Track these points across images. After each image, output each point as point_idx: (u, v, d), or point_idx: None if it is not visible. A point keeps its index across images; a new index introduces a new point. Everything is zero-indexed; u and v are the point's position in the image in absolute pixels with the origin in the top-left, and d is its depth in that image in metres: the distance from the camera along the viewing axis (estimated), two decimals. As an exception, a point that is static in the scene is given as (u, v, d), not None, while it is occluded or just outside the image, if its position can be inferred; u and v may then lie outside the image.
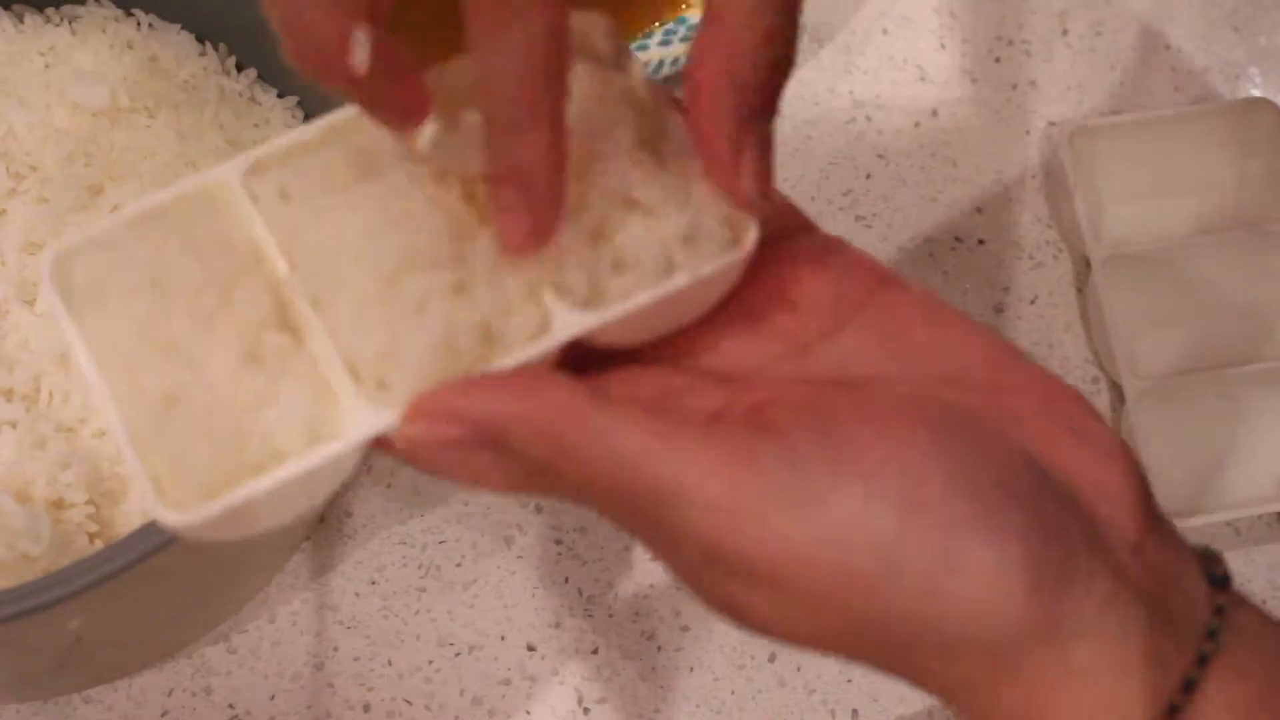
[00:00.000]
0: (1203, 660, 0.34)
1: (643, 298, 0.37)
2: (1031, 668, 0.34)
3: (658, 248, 0.38)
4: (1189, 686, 0.34)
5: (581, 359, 0.38)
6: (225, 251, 0.39)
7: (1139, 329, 0.64)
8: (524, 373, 0.36)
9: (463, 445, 0.36)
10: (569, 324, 0.37)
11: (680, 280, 0.37)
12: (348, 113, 0.39)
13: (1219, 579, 0.36)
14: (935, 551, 0.33)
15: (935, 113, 0.70)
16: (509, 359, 0.37)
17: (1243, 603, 0.36)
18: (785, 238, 0.39)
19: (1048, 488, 0.34)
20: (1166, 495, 0.61)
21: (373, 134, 0.39)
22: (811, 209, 0.70)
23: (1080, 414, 0.36)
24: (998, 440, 0.34)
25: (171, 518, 0.36)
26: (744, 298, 0.38)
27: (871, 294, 0.38)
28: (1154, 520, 0.36)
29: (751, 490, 0.33)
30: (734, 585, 0.34)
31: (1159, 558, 0.35)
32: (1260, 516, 0.63)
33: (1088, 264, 0.64)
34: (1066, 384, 0.37)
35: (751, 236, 0.38)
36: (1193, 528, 0.61)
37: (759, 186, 0.36)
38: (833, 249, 0.39)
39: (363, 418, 0.36)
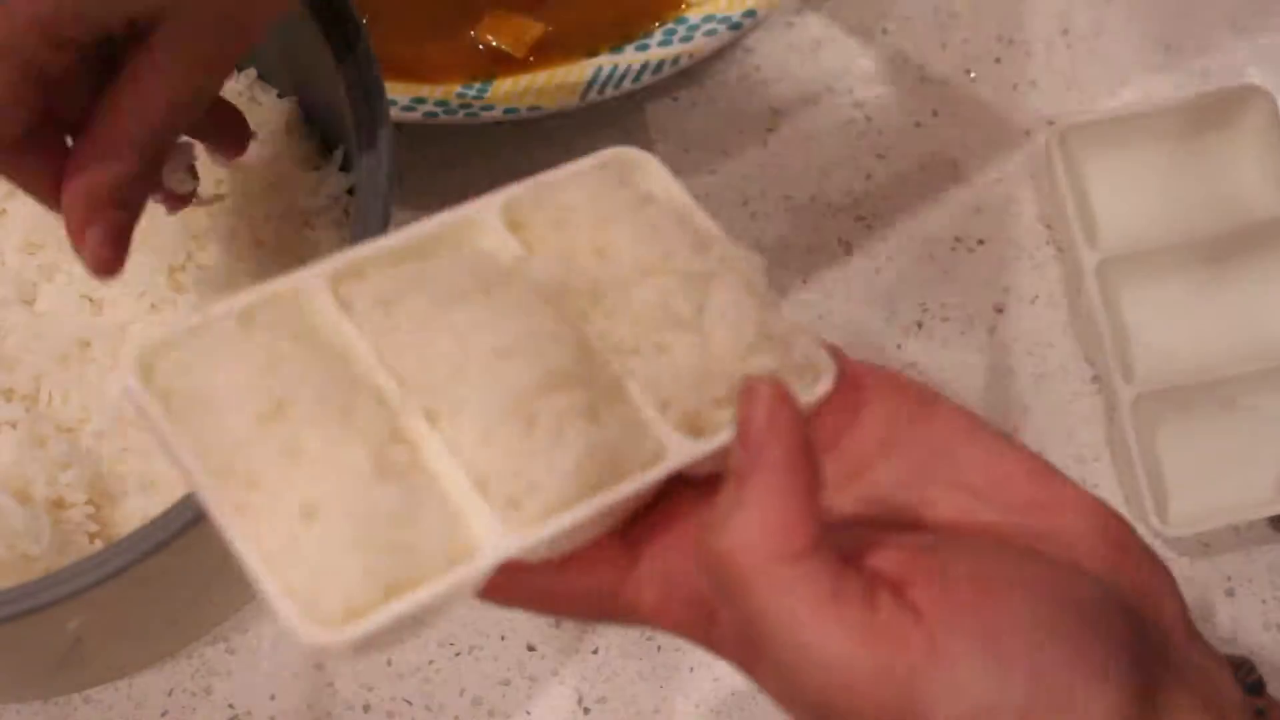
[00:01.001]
0: None
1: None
2: None
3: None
4: None
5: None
6: (328, 358, 0.38)
7: (1133, 332, 0.64)
8: None
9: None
10: (683, 451, 0.38)
11: None
12: (440, 222, 0.40)
13: (1254, 685, 0.37)
14: (1038, 696, 0.33)
15: (935, 113, 0.70)
16: (631, 484, 0.37)
17: (1277, 705, 0.37)
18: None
19: (1127, 614, 0.35)
20: (1164, 499, 0.61)
21: (477, 245, 0.40)
22: (811, 209, 0.71)
23: (1120, 530, 0.38)
24: (1073, 575, 0.36)
25: (316, 637, 0.34)
26: (815, 423, 0.40)
27: (917, 413, 0.40)
28: (1193, 628, 0.37)
29: (864, 663, 0.34)
30: None
31: (1203, 664, 0.36)
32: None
33: (1080, 269, 0.64)
34: (1103, 501, 0.38)
35: (831, 373, 0.40)
36: (1192, 531, 0.61)
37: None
38: (878, 373, 0.41)
39: (499, 539, 0.36)
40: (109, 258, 0.46)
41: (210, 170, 0.58)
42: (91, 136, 0.46)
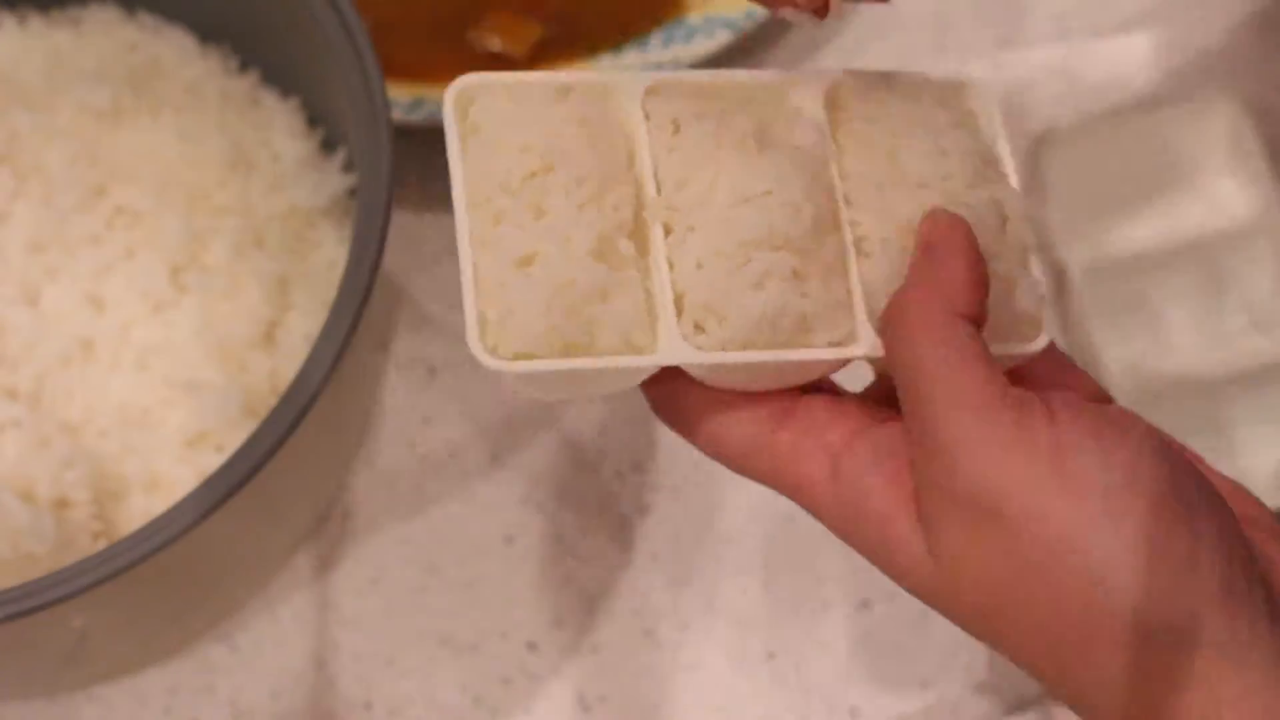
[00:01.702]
0: None
1: None
2: (1211, 678, 0.35)
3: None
4: None
5: None
6: (611, 147, 0.43)
7: (1122, 333, 0.65)
8: None
9: None
10: (872, 345, 0.42)
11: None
12: (744, 76, 0.45)
13: None
14: (1148, 531, 0.35)
15: (935, 113, 0.71)
16: (813, 353, 0.42)
17: None
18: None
19: (1235, 527, 0.37)
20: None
21: (769, 109, 0.45)
22: (811, 209, 0.70)
23: (1255, 509, 0.40)
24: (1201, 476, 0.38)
25: (484, 358, 0.41)
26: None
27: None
28: None
29: (1018, 443, 0.37)
30: (957, 518, 0.37)
31: None
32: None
33: (1064, 273, 0.65)
34: (1242, 487, 0.41)
35: (1044, 338, 0.43)
36: None
37: None
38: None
39: (673, 348, 0.41)
40: None
41: (212, 170, 0.59)
42: None
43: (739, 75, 0.45)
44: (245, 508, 0.49)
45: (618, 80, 0.44)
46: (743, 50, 0.71)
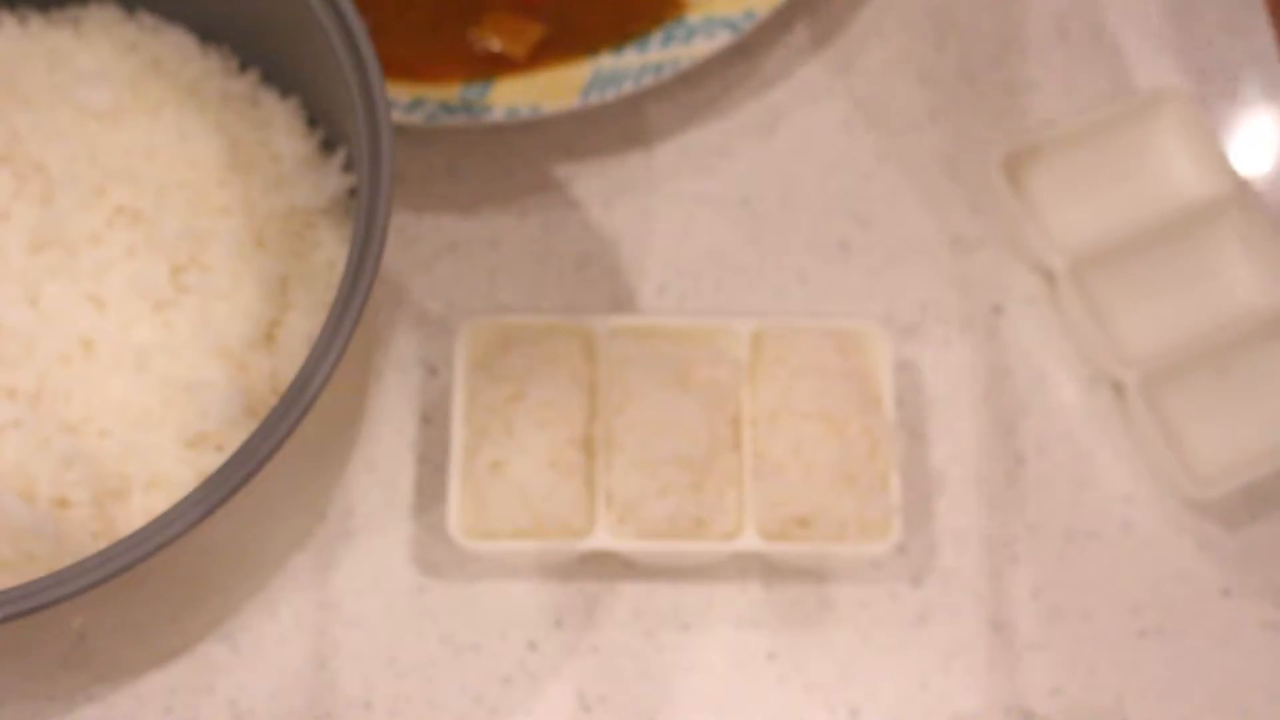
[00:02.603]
0: None
1: (809, 549, 0.58)
2: None
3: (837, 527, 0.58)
4: None
5: None
6: (573, 378, 0.59)
7: (1117, 327, 0.65)
8: None
9: None
10: (752, 542, 0.57)
11: (830, 549, 0.58)
12: (706, 321, 0.60)
13: None
14: None
15: (934, 113, 0.71)
16: (702, 545, 0.58)
17: None
18: None
19: None
20: (1187, 469, 0.62)
21: (698, 349, 0.60)
22: (811, 210, 0.71)
23: None
24: None
25: (459, 540, 0.57)
26: None
27: None
28: None
29: None
30: None
31: None
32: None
33: (1051, 277, 0.65)
34: None
35: (894, 540, 0.58)
36: (1224, 491, 0.61)
37: None
38: None
39: (602, 535, 0.58)
40: None
41: (212, 170, 0.59)
42: None
43: (685, 320, 0.60)
44: (245, 508, 0.49)
45: (590, 324, 0.59)
46: (742, 50, 0.71)
